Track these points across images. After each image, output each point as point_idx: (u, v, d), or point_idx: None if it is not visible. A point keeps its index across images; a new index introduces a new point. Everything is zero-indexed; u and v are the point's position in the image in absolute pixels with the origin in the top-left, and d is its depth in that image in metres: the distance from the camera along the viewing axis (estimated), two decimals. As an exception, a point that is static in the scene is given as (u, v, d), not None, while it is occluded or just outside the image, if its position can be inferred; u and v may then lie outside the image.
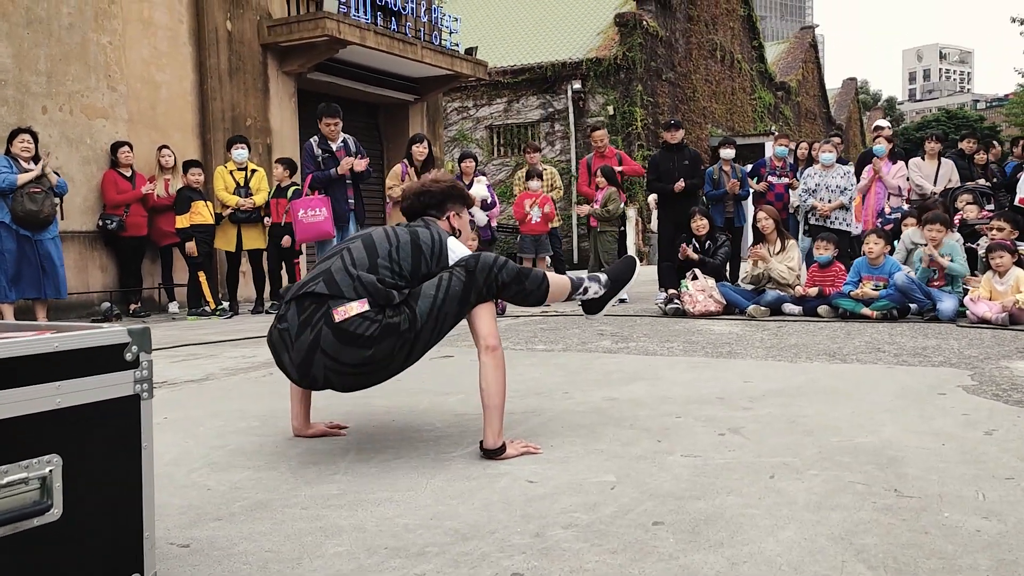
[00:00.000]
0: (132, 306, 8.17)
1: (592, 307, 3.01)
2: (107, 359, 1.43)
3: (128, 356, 1.47)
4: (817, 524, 1.87)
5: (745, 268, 7.16)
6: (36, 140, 6.75)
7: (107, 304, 7.67)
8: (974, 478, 2.17)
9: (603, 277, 2.98)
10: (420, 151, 7.71)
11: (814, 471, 2.28)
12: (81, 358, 1.39)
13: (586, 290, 2.92)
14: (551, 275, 2.79)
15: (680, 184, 7.90)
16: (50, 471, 1.32)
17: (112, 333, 1.45)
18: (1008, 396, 3.16)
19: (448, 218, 2.79)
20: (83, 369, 1.39)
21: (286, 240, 7.96)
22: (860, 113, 43.26)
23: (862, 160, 8.89)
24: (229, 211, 7.91)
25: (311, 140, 7.40)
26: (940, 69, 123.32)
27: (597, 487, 2.20)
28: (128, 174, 8.15)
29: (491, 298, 2.57)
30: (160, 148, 8.51)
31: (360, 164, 7.28)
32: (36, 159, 6.70)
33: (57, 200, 6.80)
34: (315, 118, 7.52)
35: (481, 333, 2.53)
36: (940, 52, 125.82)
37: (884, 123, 8.82)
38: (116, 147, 8.13)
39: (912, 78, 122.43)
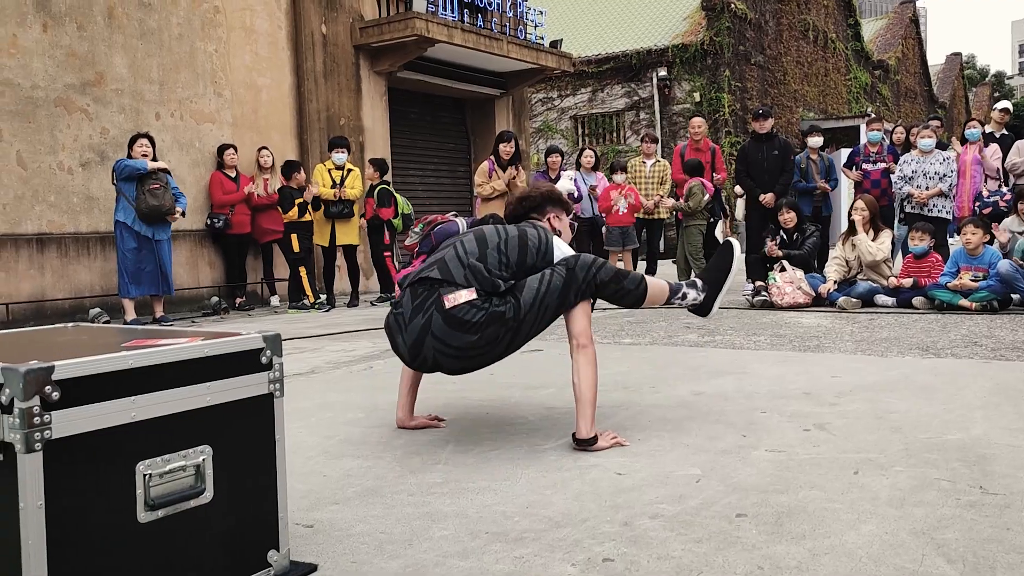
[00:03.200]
0: (238, 300, 8.65)
1: (701, 310, 3.06)
2: (247, 362, 1.64)
3: (263, 359, 1.67)
4: (899, 519, 1.94)
5: (833, 253, 7.06)
6: (153, 144, 7.24)
7: (216, 298, 8.17)
8: (1064, 477, 2.18)
9: (699, 282, 3.04)
10: (507, 150, 7.89)
11: (899, 467, 2.33)
12: (225, 362, 1.60)
13: (684, 295, 2.99)
14: (650, 279, 2.88)
15: (769, 199, 7.74)
16: (203, 459, 1.54)
17: (250, 339, 1.65)
18: (1109, 394, 3.09)
19: (548, 219, 2.97)
20: (227, 371, 1.60)
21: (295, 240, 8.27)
22: (966, 90, 41.17)
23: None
24: (311, 197, 8.31)
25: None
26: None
27: (683, 480, 2.32)
28: (233, 175, 8.62)
29: (590, 296, 2.74)
30: (259, 149, 8.97)
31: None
32: (154, 161, 7.19)
33: (177, 199, 7.30)
34: (408, 114, 7.83)
35: (575, 331, 2.70)
36: None
37: (1008, 104, 8.43)
38: (222, 150, 8.61)
39: (1022, 51, 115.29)
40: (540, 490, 2.28)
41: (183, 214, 7.26)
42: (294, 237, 8.26)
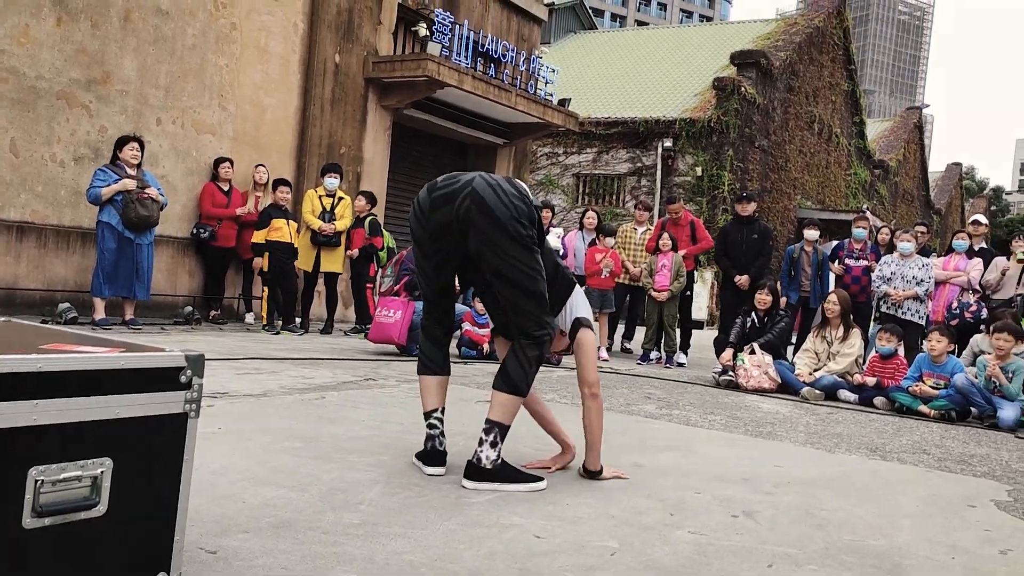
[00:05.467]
0: (212, 313, 8.63)
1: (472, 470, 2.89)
2: (164, 379, 1.65)
3: (183, 379, 1.68)
4: (797, 619, 1.94)
5: (804, 345, 7.13)
6: (143, 148, 7.28)
7: (189, 308, 8.14)
8: (970, 596, 2.18)
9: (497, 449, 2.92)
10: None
11: (813, 566, 2.34)
12: (142, 376, 1.61)
13: (487, 442, 2.90)
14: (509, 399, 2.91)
15: (744, 280, 7.96)
16: (101, 472, 1.54)
17: (171, 357, 1.67)
18: (1038, 518, 3.11)
19: None
20: (142, 386, 1.61)
21: (257, 262, 8.33)
22: (962, 200, 41.91)
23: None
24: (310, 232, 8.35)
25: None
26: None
27: (598, 551, 2.31)
28: (226, 188, 8.67)
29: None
30: (256, 166, 9.04)
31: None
32: (140, 166, 7.22)
33: (162, 207, 7.32)
34: (410, 151, 7.80)
35: (589, 380, 3.10)
36: None
37: (982, 219, 8.63)
38: (218, 162, 8.67)
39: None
40: (454, 543, 2.27)
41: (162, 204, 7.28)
42: (266, 256, 8.26)
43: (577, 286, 3.25)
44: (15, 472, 1.42)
